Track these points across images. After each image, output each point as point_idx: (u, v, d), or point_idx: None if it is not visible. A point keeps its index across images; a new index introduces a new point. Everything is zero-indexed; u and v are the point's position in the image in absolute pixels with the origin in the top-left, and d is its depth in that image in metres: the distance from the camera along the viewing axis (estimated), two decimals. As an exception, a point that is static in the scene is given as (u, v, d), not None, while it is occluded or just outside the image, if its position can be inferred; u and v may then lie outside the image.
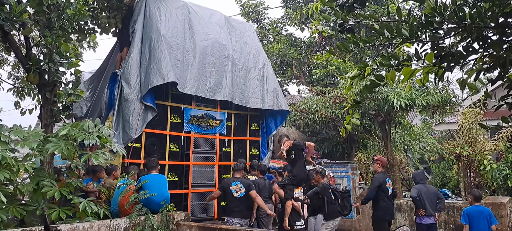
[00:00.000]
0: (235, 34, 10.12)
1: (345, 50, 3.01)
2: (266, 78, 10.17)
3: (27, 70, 6.16)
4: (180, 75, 8.31)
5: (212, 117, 9.23)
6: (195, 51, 8.81)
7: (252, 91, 9.74)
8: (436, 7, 2.79)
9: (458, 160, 11.51)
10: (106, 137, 5.07)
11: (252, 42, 10.45)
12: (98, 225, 5.27)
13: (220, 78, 9.11)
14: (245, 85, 9.64)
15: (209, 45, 9.16)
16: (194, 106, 8.97)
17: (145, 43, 8.19)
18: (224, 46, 9.47)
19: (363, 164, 11.79)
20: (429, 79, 2.91)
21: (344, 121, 3.51)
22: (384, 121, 10.65)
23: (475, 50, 2.75)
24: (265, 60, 10.49)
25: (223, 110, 9.44)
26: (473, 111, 11.37)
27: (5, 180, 4.24)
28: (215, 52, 9.22)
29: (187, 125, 8.81)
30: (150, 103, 7.85)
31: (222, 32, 9.69)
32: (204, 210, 8.77)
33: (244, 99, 9.52)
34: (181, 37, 8.68)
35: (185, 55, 8.60)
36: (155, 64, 7.86)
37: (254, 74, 9.97)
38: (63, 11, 5.92)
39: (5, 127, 4.63)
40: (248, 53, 10.14)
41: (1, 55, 10.01)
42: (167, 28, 8.42)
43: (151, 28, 8.25)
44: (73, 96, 6.39)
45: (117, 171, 7.29)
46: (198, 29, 9.11)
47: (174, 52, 8.36)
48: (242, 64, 9.82)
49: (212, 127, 9.21)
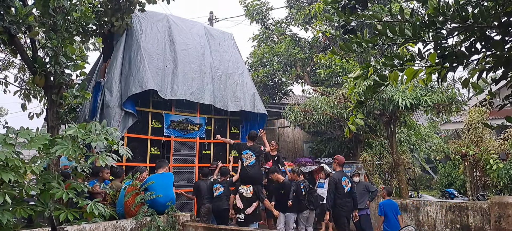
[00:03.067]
0: (215, 43, 10.89)
1: (348, 51, 3.02)
2: (245, 84, 10.98)
3: (33, 73, 6.19)
4: (162, 82, 8.99)
5: (191, 122, 9.90)
6: (176, 60, 9.49)
7: (232, 95, 10.51)
8: (439, 7, 2.80)
9: (464, 160, 11.46)
10: (112, 139, 5.11)
11: (231, 50, 11.26)
12: (104, 226, 5.32)
13: (202, 83, 9.80)
14: (225, 91, 10.37)
15: (189, 54, 9.86)
16: (174, 112, 9.62)
17: (126, 55, 8.87)
18: (203, 54, 10.22)
19: (369, 164, 11.76)
20: (432, 80, 2.90)
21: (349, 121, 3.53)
22: (389, 121, 10.62)
23: (477, 50, 2.74)
24: (243, 68, 11.37)
25: (203, 115, 10.14)
26: (479, 110, 11.32)
27: (12, 182, 4.29)
28: (195, 60, 9.93)
29: (167, 130, 9.47)
30: (130, 109, 8.45)
31: (202, 41, 10.46)
32: (185, 208, 9.13)
33: (225, 103, 10.21)
34: (162, 48, 9.40)
35: (166, 64, 9.30)
36: (134, 74, 8.52)
37: (233, 80, 10.76)
38: (68, 14, 5.96)
39: (12, 129, 4.67)
40: (228, 61, 10.93)
41: (7, 58, 10.09)
42: (147, 40, 9.12)
43: (132, 41, 8.95)
44: (79, 98, 6.44)
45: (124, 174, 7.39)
46: (178, 40, 9.81)
47: (154, 62, 9.04)
48: (221, 71, 10.56)
49: (191, 131, 9.88)
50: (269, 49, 15.10)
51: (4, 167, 4.25)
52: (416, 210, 9.06)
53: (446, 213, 8.68)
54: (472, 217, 8.34)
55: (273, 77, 15.28)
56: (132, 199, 6.02)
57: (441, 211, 8.74)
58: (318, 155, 14.18)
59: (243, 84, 10.89)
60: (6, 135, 4.43)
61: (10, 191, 4.36)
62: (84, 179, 5.90)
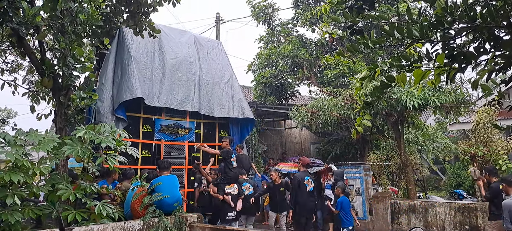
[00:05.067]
0: (203, 51, 11.48)
1: (355, 52, 3.00)
2: (232, 90, 11.59)
3: (42, 75, 6.24)
4: (149, 90, 9.58)
5: (181, 126, 10.55)
6: (164, 69, 10.10)
7: (218, 102, 11.11)
8: (446, 6, 2.77)
9: (473, 160, 11.34)
10: (121, 140, 5.14)
11: (218, 58, 11.86)
12: (112, 227, 5.34)
13: (188, 91, 10.39)
14: (211, 97, 10.98)
15: (177, 63, 10.44)
16: (164, 117, 10.24)
17: (118, 63, 9.40)
18: (192, 63, 10.81)
19: (376, 165, 11.68)
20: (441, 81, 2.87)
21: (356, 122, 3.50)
22: (397, 121, 10.55)
23: (486, 50, 2.71)
24: (231, 74, 11.91)
25: (192, 119, 10.77)
26: (488, 111, 11.21)
27: (21, 183, 4.33)
28: (183, 68, 10.51)
29: (157, 134, 10.06)
30: (121, 115, 8.96)
31: (191, 50, 11.03)
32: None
33: (211, 110, 10.82)
34: (151, 57, 9.96)
35: (154, 73, 9.88)
36: (125, 82, 9.08)
37: (220, 87, 11.38)
38: (76, 16, 6.00)
39: (22, 131, 4.71)
40: (215, 69, 11.55)
41: (16, 60, 10.17)
42: (137, 50, 9.67)
43: (123, 50, 9.48)
44: (87, 100, 6.48)
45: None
46: (167, 49, 10.39)
47: (143, 71, 9.63)
48: (209, 78, 11.16)
49: (181, 135, 10.49)
50: (275, 50, 15.06)
51: (13, 168, 4.29)
52: (425, 211, 9.00)
53: (454, 214, 8.62)
54: (481, 218, 8.27)
55: (279, 78, 15.25)
56: (139, 200, 6.04)
57: (449, 212, 8.68)
58: (325, 156, 14.14)
59: (229, 91, 11.51)
60: (16, 136, 4.47)
61: (19, 192, 4.40)
62: (92, 179, 5.93)
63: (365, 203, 9.68)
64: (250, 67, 16.23)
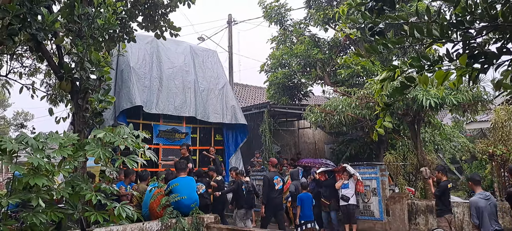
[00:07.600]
0: (199, 60, 12.36)
1: (373, 52, 2.98)
2: (226, 97, 12.44)
3: (60, 78, 6.34)
4: (148, 99, 10.37)
5: (178, 131, 11.38)
6: (162, 78, 10.95)
7: (213, 108, 11.93)
8: (466, 5, 2.73)
9: (491, 160, 11.14)
10: (139, 143, 5.20)
11: (213, 66, 12.74)
12: (131, 228, 5.41)
13: (185, 98, 11.20)
14: (206, 104, 11.80)
15: (174, 72, 11.30)
16: (162, 123, 11.09)
17: (118, 74, 10.19)
18: (188, 71, 11.68)
19: (392, 165, 11.56)
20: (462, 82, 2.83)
21: (372, 122, 3.49)
22: (413, 121, 10.44)
23: (509, 50, 2.66)
24: (225, 82, 12.86)
25: (189, 125, 11.65)
26: (506, 109, 11.01)
27: (43, 186, 4.41)
28: (180, 77, 11.37)
29: (156, 138, 10.94)
30: (122, 121, 9.54)
31: (187, 59, 11.90)
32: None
33: (206, 115, 11.67)
34: (149, 67, 10.79)
35: (152, 82, 10.70)
36: (125, 91, 9.91)
37: (214, 94, 12.23)
38: (93, 21, 6.08)
39: (42, 134, 4.80)
40: (210, 76, 12.42)
41: (34, 64, 10.35)
42: (136, 61, 10.51)
43: (123, 61, 10.27)
44: (104, 102, 6.56)
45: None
46: (165, 59, 11.26)
47: (142, 80, 10.43)
48: (204, 86, 12.01)
49: (178, 139, 11.28)
50: (288, 51, 15.05)
51: (37, 172, 4.38)
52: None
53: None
54: (501, 218, 8.11)
55: (292, 78, 15.23)
56: (158, 201, 6.11)
57: (468, 213, 8.54)
58: (340, 157, 14.06)
59: (223, 98, 12.31)
60: (38, 140, 4.55)
61: (43, 195, 4.48)
62: (110, 180, 6.01)
63: (381, 204, 9.58)
64: (263, 67, 16.25)
